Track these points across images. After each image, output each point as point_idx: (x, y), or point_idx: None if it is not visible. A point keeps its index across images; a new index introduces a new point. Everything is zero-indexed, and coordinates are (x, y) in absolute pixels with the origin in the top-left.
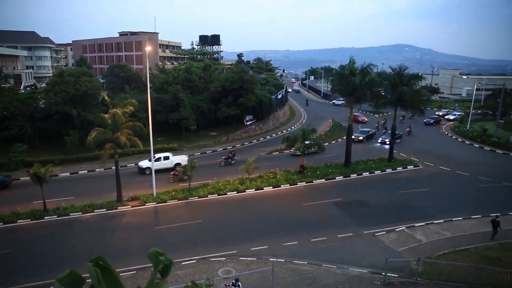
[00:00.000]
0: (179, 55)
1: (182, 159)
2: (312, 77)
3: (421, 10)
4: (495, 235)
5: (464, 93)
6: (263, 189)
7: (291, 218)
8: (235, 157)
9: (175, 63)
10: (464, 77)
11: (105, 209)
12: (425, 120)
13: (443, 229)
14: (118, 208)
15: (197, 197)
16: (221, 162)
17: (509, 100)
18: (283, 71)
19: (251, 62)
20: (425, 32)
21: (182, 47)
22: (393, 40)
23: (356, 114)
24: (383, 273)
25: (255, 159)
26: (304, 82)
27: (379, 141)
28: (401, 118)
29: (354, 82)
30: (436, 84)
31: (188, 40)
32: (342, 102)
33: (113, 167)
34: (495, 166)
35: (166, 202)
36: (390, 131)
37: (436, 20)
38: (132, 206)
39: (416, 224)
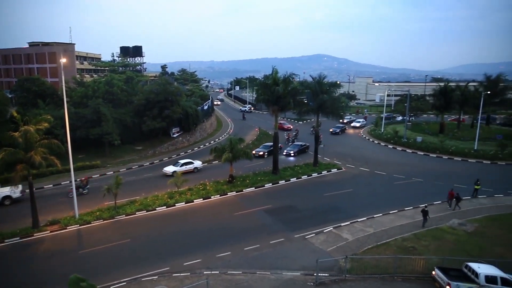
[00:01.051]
0: (99, 67)
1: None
2: (237, 87)
3: (337, 22)
4: (425, 223)
5: (378, 98)
6: (193, 201)
7: (223, 229)
8: (87, 186)
9: (95, 75)
10: (376, 84)
11: (18, 238)
12: (331, 130)
13: (366, 226)
14: (35, 234)
15: (124, 215)
16: (69, 193)
17: (413, 104)
18: (209, 82)
19: (175, 74)
20: (342, 43)
21: (102, 59)
22: (313, 50)
23: (281, 122)
24: (315, 274)
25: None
26: (230, 92)
27: (284, 153)
28: (312, 129)
29: (278, 91)
30: (353, 91)
31: (108, 52)
32: (249, 107)
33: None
34: (407, 164)
35: (90, 223)
36: (295, 143)
37: (351, 32)
38: (51, 231)
39: (342, 224)
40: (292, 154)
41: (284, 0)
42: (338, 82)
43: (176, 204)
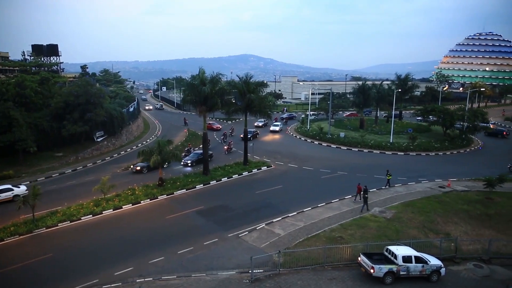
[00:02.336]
0: (6, 67)
1: None
2: (164, 88)
3: (264, 23)
4: (363, 209)
5: (303, 97)
6: (122, 207)
7: (155, 234)
8: None
9: (3, 76)
10: (301, 83)
11: None
12: (241, 136)
13: (297, 220)
14: None
15: (44, 228)
16: None
17: (336, 102)
18: (134, 82)
19: (97, 74)
20: (268, 44)
21: (11, 58)
22: (240, 50)
23: (210, 122)
24: (250, 271)
25: (110, 177)
26: (156, 93)
27: (182, 163)
28: (222, 136)
29: (205, 92)
30: (279, 90)
31: (17, 50)
32: (160, 105)
33: None
34: (332, 159)
35: (4, 241)
36: (195, 152)
37: (276, 33)
38: None
39: (274, 220)
40: (190, 164)
41: (211, 0)
42: (264, 82)
43: (103, 212)
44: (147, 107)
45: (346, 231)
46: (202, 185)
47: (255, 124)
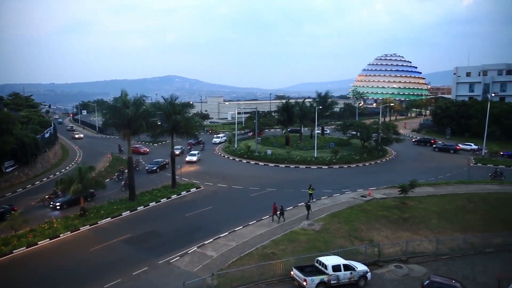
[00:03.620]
0: None
1: None
2: (85, 112)
3: (188, 44)
4: (309, 215)
5: (229, 116)
6: (37, 244)
7: (77, 269)
8: None
9: None
10: (227, 103)
11: None
12: (147, 168)
13: (229, 240)
14: None
15: None
16: None
17: (262, 120)
18: (49, 106)
19: (5, 98)
20: (193, 64)
21: None
22: (165, 71)
23: (136, 145)
24: None
25: (23, 210)
26: (76, 117)
27: (147, 168)
28: (117, 173)
29: (128, 114)
30: (206, 111)
31: None
32: (71, 126)
33: None
34: (260, 176)
35: None
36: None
37: (201, 54)
38: None
39: (206, 242)
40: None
41: (133, 22)
42: (190, 102)
43: (13, 251)
44: (77, 136)
45: (278, 246)
46: (128, 212)
47: (146, 167)
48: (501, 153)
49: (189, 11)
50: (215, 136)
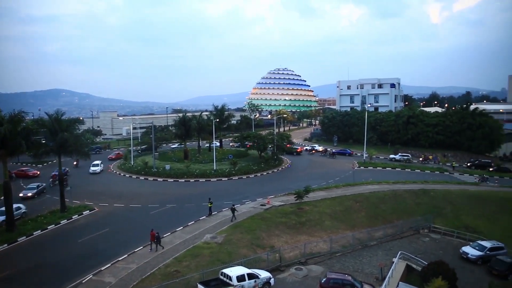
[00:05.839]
0: None
1: None
2: None
3: (73, 56)
4: (233, 218)
5: (124, 132)
6: None
7: None
8: None
9: None
10: (121, 118)
11: None
12: (21, 194)
13: (128, 263)
14: None
15: None
16: None
17: (159, 135)
18: None
19: None
20: (81, 77)
21: None
22: (49, 85)
23: (24, 168)
24: None
25: None
26: None
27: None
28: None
29: (1, 133)
30: (98, 127)
31: None
32: None
33: None
34: (159, 192)
35: None
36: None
37: (90, 66)
38: None
39: (103, 268)
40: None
41: (7, 27)
42: (80, 118)
43: None
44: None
45: (181, 263)
46: (6, 245)
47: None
48: (333, 151)
49: (73, 19)
50: (92, 164)
